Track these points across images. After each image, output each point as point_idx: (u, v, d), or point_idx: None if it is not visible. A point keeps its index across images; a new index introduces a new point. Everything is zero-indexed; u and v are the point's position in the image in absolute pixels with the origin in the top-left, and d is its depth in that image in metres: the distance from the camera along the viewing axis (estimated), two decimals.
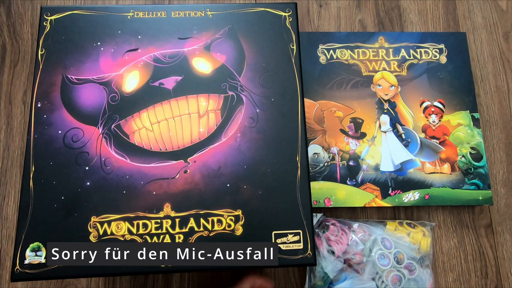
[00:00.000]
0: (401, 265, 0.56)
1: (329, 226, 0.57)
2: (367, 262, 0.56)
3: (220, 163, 0.47)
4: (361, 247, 0.56)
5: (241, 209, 0.46)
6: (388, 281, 0.55)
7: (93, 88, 0.49)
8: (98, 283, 0.57)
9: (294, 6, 0.54)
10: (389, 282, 0.55)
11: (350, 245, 0.56)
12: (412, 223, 0.60)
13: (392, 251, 0.56)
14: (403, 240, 0.57)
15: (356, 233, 0.57)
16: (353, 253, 0.56)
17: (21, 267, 0.43)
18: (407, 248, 0.57)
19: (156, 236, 0.45)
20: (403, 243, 0.57)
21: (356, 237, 0.57)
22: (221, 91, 0.50)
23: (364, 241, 0.56)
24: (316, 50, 0.67)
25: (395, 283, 0.55)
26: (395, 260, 0.56)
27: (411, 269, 0.56)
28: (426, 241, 0.58)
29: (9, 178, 0.62)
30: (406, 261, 0.56)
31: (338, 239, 0.56)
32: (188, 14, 0.53)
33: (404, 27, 0.71)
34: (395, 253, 0.56)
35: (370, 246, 0.56)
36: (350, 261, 0.56)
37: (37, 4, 0.70)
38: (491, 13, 0.72)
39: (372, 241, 0.56)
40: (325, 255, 0.55)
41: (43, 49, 0.50)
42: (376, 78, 0.66)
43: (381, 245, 0.56)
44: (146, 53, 0.51)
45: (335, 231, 0.56)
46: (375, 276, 0.55)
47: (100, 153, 0.47)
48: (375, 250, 0.56)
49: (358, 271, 0.56)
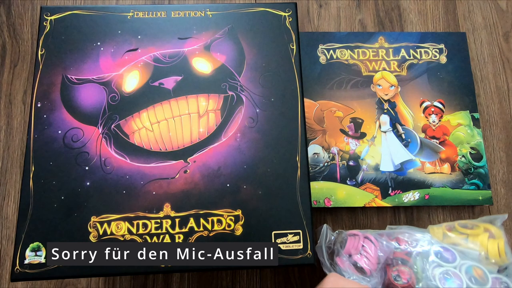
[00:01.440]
0: (485, 286, 0.37)
1: (347, 238, 0.44)
2: (423, 284, 0.37)
3: (220, 163, 0.47)
4: (407, 263, 0.39)
5: (241, 209, 0.46)
6: None
7: (93, 88, 0.49)
8: (98, 283, 0.57)
9: (294, 6, 0.54)
10: None
11: (388, 260, 0.40)
12: (468, 223, 0.43)
13: (460, 265, 0.37)
14: (465, 246, 0.39)
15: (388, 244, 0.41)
16: (395, 273, 0.39)
17: (21, 267, 0.43)
18: (475, 259, 0.39)
19: (156, 236, 0.45)
20: (469, 252, 0.39)
21: (390, 247, 0.40)
22: (221, 91, 0.50)
23: (406, 254, 0.39)
24: (316, 50, 0.67)
25: None
26: (470, 280, 0.37)
27: (503, 286, 0.37)
28: (495, 244, 0.39)
29: (9, 178, 0.62)
30: (491, 278, 0.37)
31: (364, 251, 0.41)
32: (188, 14, 0.53)
33: (404, 27, 0.71)
34: (466, 269, 0.37)
35: (419, 262, 0.39)
36: (392, 284, 0.39)
37: (37, 4, 0.70)
38: (491, 13, 0.72)
39: (419, 255, 0.39)
40: (354, 278, 0.39)
41: (43, 49, 0.50)
42: (376, 78, 0.66)
43: (437, 258, 0.38)
44: (146, 53, 0.51)
45: (355, 242, 0.42)
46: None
47: (100, 153, 0.47)
48: (431, 268, 0.38)
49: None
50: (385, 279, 0.39)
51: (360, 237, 0.43)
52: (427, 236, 0.41)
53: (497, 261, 0.39)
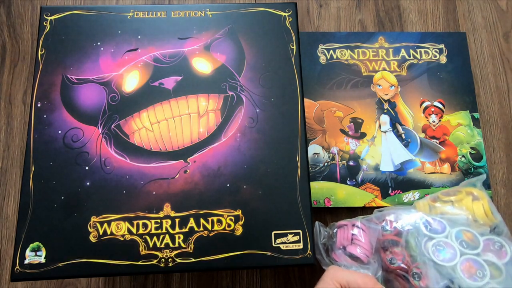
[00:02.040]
0: (477, 249, 0.36)
1: (336, 231, 0.43)
2: (423, 264, 0.35)
3: (220, 163, 0.47)
4: (398, 243, 0.37)
5: (241, 209, 0.46)
6: (465, 280, 0.33)
7: (93, 88, 0.49)
8: (98, 283, 0.57)
9: (294, 6, 0.54)
10: (466, 281, 0.33)
11: (381, 244, 0.39)
12: (450, 190, 0.41)
13: (450, 234, 0.36)
14: (452, 214, 0.38)
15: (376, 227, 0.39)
16: (389, 256, 0.38)
17: (21, 267, 0.43)
18: (464, 223, 0.38)
19: (156, 236, 0.45)
20: (456, 218, 0.38)
21: (378, 229, 0.38)
22: (221, 91, 0.50)
23: (396, 234, 0.38)
24: (316, 50, 0.67)
25: (474, 275, 0.33)
26: (462, 245, 0.36)
27: (497, 249, 0.35)
28: (480, 205, 0.39)
29: (9, 178, 0.62)
30: (483, 240, 0.36)
31: (355, 240, 0.40)
32: (188, 14, 0.53)
33: (404, 27, 0.71)
34: (456, 234, 0.36)
35: (411, 239, 0.37)
36: (392, 270, 0.37)
37: (37, 4, 0.70)
38: (491, 13, 0.72)
39: (409, 232, 0.38)
40: (353, 269, 0.39)
41: (43, 49, 0.50)
42: (376, 78, 0.66)
43: (427, 231, 0.37)
44: (146, 53, 0.51)
45: (345, 232, 0.42)
46: (447, 283, 0.35)
47: (100, 153, 0.47)
48: (423, 242, 0.36)
49: (416, 286, 0.35)
50: (383, 264, 0.38)
51: (349, 226, 0.42)
52: (413, 211, 0.40)
53: (485, 221, 0.39)
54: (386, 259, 0.38)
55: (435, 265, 0.35)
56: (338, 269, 0.39)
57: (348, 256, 0.39)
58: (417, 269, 0.36)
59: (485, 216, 0.38)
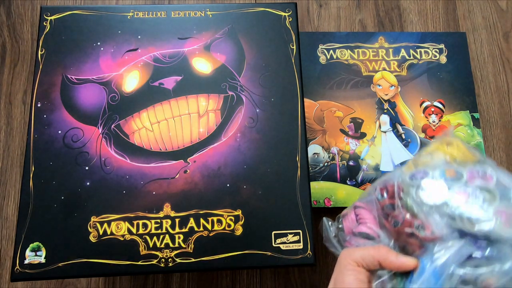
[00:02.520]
0: (463, 179, 0.36)
1: (341, 221, 0.43)
2: (422, 214, 0.35)
3: (220, 163, 0.47)
4: (394, 205, 0.37)
5: (241, 209, 0.46)
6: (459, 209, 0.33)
7: (93, 88, 0.49)
8: (98, 283, 0.57)
9: (294, 6, 0.54)
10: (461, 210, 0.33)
11: (381, 214, 0.39)
12: (426, 147, 0.42)
13: (433, 175, 0.36)
14: (431, 163, 0.38)
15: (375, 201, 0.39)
16: (391, 222, 0.37)
17: (21, 267, 0.43)
18: (444, 164, 0.38)
19: (156, 236, 0.45)
20: (435, 163, 0.38)
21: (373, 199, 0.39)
22: (221, 91, 0.50)
23: (390, 198, 0.38)
24: (316, 50, 0.67)
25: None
26: (447, 182, 0.35)
27: (482, 175, 0.35)
28: (454, 147, 0.39)
29: (9, 178, 0.62)
30: (466, 172, 0.36)
31: (360, 220, 0.40)
32: (188, 14, 0.53)
33: (404, 27, 0.71)
34: (439, 174, 0.36)
35: (404, 196, 0.37)
36: (401, 233, 0.37)
37: (37, 4, 0.70)
38: (491, 13, 0.72)
39: (400, 191, 0.37)
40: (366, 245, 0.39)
41: (43, 49, 0.50)
42: (376, 78, 0.66)
43: (411, 180, 0.37)
44: (146, 53, 0.51)
45: (349, 218, 0.41)
46: (449, 221, 0.34)
47: (100, 153, 0.47)
48: (414, 193, 0.36)
49: (424, 238, 0.35)
50: (391, 233, 0.38)
51: (351, 211, 0.42)
52: (399, 172, 0.39)
53: (463, 159, 0.39)
54: (391, 225, 0.37)
55: (431, 209, 0.35)
56: (349, 250, 0.38)
57: (358, 237, 0.39)
58: (417, 221, 0.36)
59: (461, 154, 0.39)
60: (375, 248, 0.36)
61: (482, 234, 0.33)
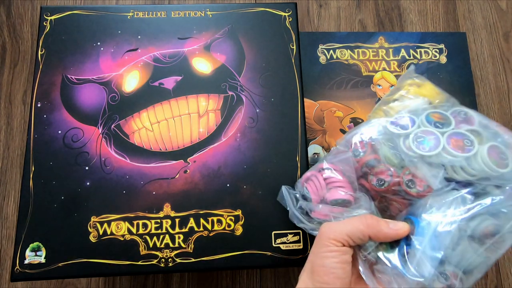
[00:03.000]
0: (452, 125, 0.33)
1: (305, 187, 0.36)
2: (412, 167, 0.31)
3: (220, 163, 0.47)
4: (378, 161, 0.32)
5: (241, 209, 0.46)
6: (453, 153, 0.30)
7: (93, 88, 0.49)
8: (98, 283, 0.57)
9: (294, 6, 0.54)
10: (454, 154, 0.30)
11: (359, 172, 0.33)
12: (391, 91, 0.37)
13: (421, 121, 0.32)
14: (409, 105, 0.34)
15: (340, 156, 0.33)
16: (373, 181, 0.32)
17: (21, 267, 0.43)
18: (427, 107, 0.34)
19: (156, 236, 0.45)
20: (417, 106, 0.34)
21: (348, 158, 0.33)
22: (221, 91, 0.50)
23: (371, 152, 0.33)
24: (316, 50, 0.67)
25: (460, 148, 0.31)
26: (438, 126, 0.32)
27: (464, 117, 0.33)
28: (427, 88, 0.36)
29: (9, 178, 0.62)
30: (450, 114, 0.33)
31: (331, 184, 0.34)
32: (188, 14, 0.53)
33: (404, 27, 0.71)
34: (426, 119, 0.32)
35: (386, 149, 0.32)
36: (384, 193, 0.33)
37: (37, 4, 0.70)
38: (491, 13, 0.72)
39: (381, 143, 0.33)
40: (345, 216, 0.33)
41: (43, 49, 0.50)
42: (376, 78, 0.66)
43: (398, 130, 0.32)
44: (146, 53, 0.51)
45: (316, 182, 0.35)
46: (443, 173, 0.31)
47: (100, 153, 0.47)
48: (401, 142, 0.31)
49: (415, 195, 0.31)
50: (371, 194, 0.32)
51: (316, 175, 0.35)
52: (374, 121, 0.34)
53: (435, 100, 0.36)
54: (372, 184, 0.32)
55: (423, 160, 0.31)
56: (330, 226, 0.32)
57: (333, 206, 0.33)
58: (406, 176, 0.31)
59: (435, 96, 0.36)
60: (361, 220, 0.31)
61: (472, 180, 0.30)
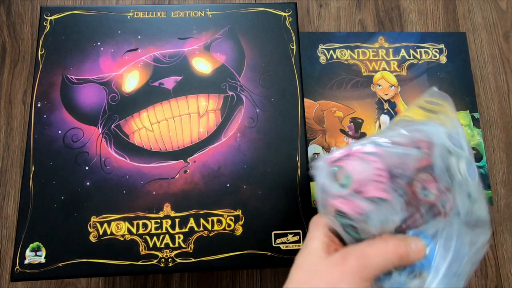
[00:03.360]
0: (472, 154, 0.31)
1: (345, 167, 0.30)
2: (455, 189, 0.29)
3: (220, 163, 0.47)
4: (432, 168, 0.29)
5: (241, 209, 0.46)
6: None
7: (93, 88, 0.49)
8: (98, 283, 0.57)
9: (294, 6, 0.54)
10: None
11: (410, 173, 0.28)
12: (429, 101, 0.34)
13: (468, 147, 0.30)
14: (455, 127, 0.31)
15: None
16: (418, 187, 0.28)
17: (21, 267, 0.43)
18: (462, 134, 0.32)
19: (156, 236, 0.45)
20: (459, 132, 0.31)
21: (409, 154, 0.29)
22: (221, 91, 0.50)
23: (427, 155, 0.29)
24: (316, 50, 0.67)
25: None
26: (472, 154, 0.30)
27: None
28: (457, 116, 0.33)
29: (9, 178, 0.62)
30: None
31: (375, 175, 0.29)
32: (188, 14, 0.53)
33: (404, 27, 0.71)
34: (467, 145, 0.31)
35: (440, 161, 0.29)
36: (421, 202, 0.29)
37: (37, 4, 0.70)
38: (491, 13, 0.72)
39: (438, 152, 0.29)
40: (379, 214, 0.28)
41: (43, 49, 0.50)
42: (376, 78, 0.66)
43: (454, 147, 0.29)
44: (146, 53, 0.51)
45: (361, 164, 0.29)
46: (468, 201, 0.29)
47: (100, 153, 0.47)
48: (455, 163, 0.29)
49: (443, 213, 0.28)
50: (409, 197, 0.29)
51: (364, 158, 0.29)
52: (434, 124, 0.30)
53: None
54: (416, 191, 0.28)
55: (462, 187, 0.29)
56: (361, 258, 0.28)
57: (361, 200, 0.28)
58: (443, 194, 0.29)
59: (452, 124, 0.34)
60: (393, 251, 0.28)
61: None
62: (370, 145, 0.30)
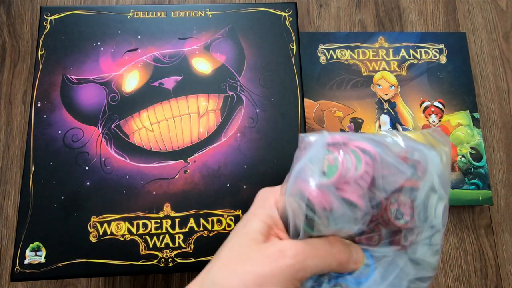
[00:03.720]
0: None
1: (336, 156, 0.28)
2: (425, 228, 0.28)
3: (220, 163, 0.47)
4: (413, 192, 0.28)
5: (241, 209, 0.46)
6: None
7: (93, 88, 0.49)
8: (98, 283, 0.57)
9: (294, 6, 0.54)
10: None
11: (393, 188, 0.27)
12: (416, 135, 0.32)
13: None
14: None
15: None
16: (394, 206, 0.27)
17: (21, 267, 0.43)
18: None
19: (156, 236, 0.45)
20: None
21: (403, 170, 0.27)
22: (221, 91, 0.50)
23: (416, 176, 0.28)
24: (316, 50, 0.67)
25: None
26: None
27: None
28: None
29: (9, 178, 0.62)
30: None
31: (361, 178, 0.27)
32: (188, 14, 0.53)
33: (404, 27, 0.71)
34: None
35: (423, 193, 0.28)
36: (388, 223, 0.28)
37: (37, 4, 0.70)
38: (491, 13, 0.72)
39: (425, 182, 0.29)
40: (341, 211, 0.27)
41: (43, 49, 0.50)
42: (376, 78, 0.66)
43: (439, 185, 0.29)
44: (146, 53, 0.51)
45: (350, 158, 0.27)
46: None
47: (100, 153, 0.47)
48: (435, 202, 0.28)
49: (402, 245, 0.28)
50: (382, 214, 0.27)
51: (360, 156, 0.27)
52: (433, 152, 0.29)
53: None
54: (390, 210, 0.27)
55: (430, 229, 0.29)
56: (299, 258, 0.27)
57: (335, 199, 0.26)
58: (413, 226, 0.28)
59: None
60: (334, 256, 0.27)
61: None
62: (369, 144, 0.28)
